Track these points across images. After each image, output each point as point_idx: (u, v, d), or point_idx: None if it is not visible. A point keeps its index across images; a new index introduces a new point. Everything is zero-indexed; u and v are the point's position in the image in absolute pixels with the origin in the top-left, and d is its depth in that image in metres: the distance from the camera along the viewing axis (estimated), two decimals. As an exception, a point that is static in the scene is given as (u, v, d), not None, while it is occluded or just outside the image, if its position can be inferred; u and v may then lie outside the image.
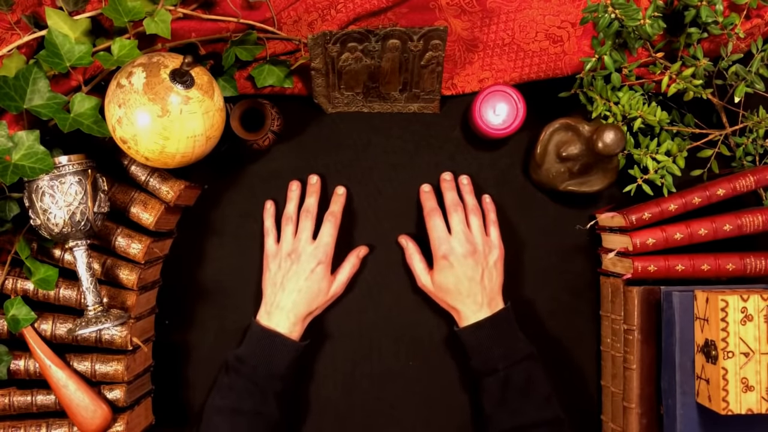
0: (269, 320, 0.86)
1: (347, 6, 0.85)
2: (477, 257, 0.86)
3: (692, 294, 0.85)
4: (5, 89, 0.74)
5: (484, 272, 0.86)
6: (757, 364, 0.79)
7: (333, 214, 0.89)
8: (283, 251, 0.88)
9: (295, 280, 0.86)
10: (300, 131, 0.96)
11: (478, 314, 0.86)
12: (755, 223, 0.86)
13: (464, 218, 0.88)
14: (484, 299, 0.86)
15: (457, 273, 0.86)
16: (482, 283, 0.86)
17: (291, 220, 0.89)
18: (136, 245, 0.85)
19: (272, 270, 0.88)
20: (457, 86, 0.94)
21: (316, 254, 0.87)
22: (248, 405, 0.83)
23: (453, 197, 0.89)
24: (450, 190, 0.91)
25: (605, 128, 0.83)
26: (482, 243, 0.87)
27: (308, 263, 0.86)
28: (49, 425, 0.84)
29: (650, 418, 0.88)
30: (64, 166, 0.77)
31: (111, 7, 0.76)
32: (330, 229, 0.88)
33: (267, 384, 0.84)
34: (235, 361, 0.85)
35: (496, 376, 0.83)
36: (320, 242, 0.87)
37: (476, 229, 0.88)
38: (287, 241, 0.88)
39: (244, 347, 0.86)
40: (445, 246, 0.86)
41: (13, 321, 0.82)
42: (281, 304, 0.86)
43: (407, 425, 0.95)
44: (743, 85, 0.85)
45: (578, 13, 0.87)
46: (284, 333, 0.85)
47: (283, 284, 0.86)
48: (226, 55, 0.84)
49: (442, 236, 0.87)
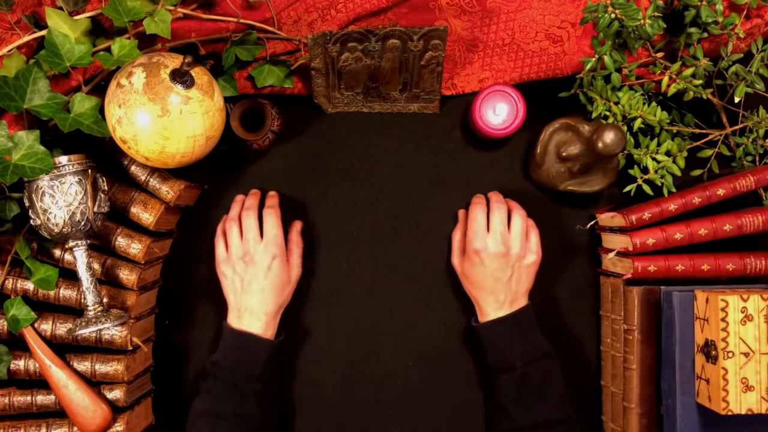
0: (240, 323, 0.85)
1: (347, 6, 0.85)
2: (509, 259, 0.86)
3: (692, 294, 0.85)
4: (5, 89, 0.74)
5: (513, 275, 0.86)
6: (757, 364, 0.79)
7: (272, 207, 0.88)
8: (234, 255, 0.86)
9: (255, 281, 0.85)
10: (300, 131, 0.96)
11: (498, 312, 0.86)
12: (755, 223, 0.86)
13: (506, 218, 0.87)
14: (506, 299, 0.86)
15: (485, 270, 0.86)
16: (509, 284, 0.86)
17: (234, 222, 0.88)
18: (136, 245, 0.85)
19: (228, 276, 0.87)
20: (457, 86, 0.94)
21: (268, 249, 0.85)
22: (228, 407, 0.82)
23: (499, 198, 0.90)
24: (496, 194, 0.91)
25: (605, 128, 0.83)
26: (519, 246, 0.86)
27: (263, 261, 0.85)
28: (49, 425, 0.84)
29: (650, 418, 0.88)
30: (64, 166, 0.77)
31: (111, 7, 0.76)
32: (273, 221, 0.87)
33: (245, 385, 0.83)
34: (211, 366, 0.84)
35: (514, 373, 0.83)
36: (268, 237, 0.86)
37: (517, 231, 0.87)
38: (235, 243, 0.87)
39: (219, 352, 0.85)
40: (480, 242, 0.86)
41: (13, 321, 0.82)
42: (249, 307, 0.85)
43: (407, 425, 0.95)
44: (743, 85, 0.85)
45: (578, 13, 0.87)
46: (257, 333, 0.85)
47: (244, 288, 0.85)
48: (226, 55, 0.84)
49: (480, 231, 0.87)
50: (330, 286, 0.95)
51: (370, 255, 0.95)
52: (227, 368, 0.83)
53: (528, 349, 0.84)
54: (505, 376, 0.84)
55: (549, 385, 0.84)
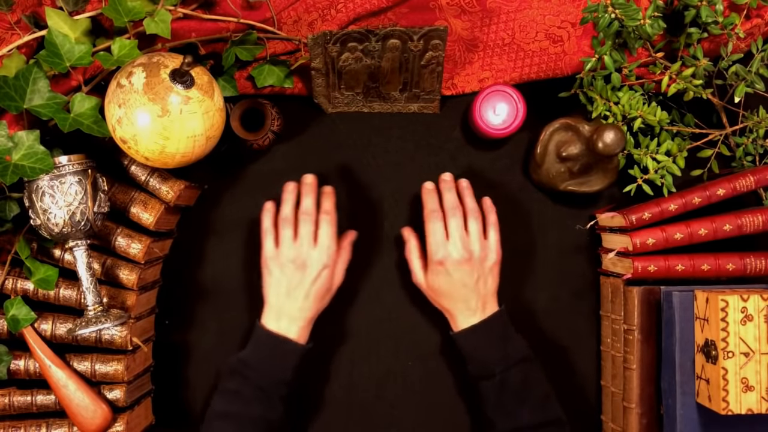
0: (278, 326, 0.84)
1: (347, 6, 0.85)
2: (473, 264, 0.85)
3: (692, 294, 0.85)
4: (5, 89, 0.74)
5: (480, 278, 0.85)
6: (757, 364, 0.79)
7: (328, 213, 0.86)
8: (285, 257, 0.84)
9: (302, 287, 0.84)
10: (300, 131, 0.96)
11: (471, 319, 0.85)
12: (755, 223, 0.86)
13: (463, 223, 0.86)
14: (477, 304, 0.85)
15: (451, 279, 0.85)
16: (477, 289, 0.85)
17: (289, 223, 0.86)
18: (136, 245, 0.85)
19: (275, 275, 0.85)
20: (457, 86, 0.94)
21: (321, 259, 0.84)
22: (256, 411, 0.81)
23: (452, 199, 0.87)
24: (449, 191, 0.88)
25: (605, 128, 0.83)
26: (479, 248, 0.85)
27: (314, 269, 0.84)
28: (49, 425, 0.84)
29: (650, 418, 0.88)
30: (64, 166, 0.77)
31: (111, 7, 0.76)
32: (329, 230, 0.85)
33: (274, 389, 0.82)
34: (241, 366, 0.83)
35: (493, 380, 0.83)
36: (322, 245, 0.84)
37: (475, 234, 0.86)
38: (288, 245, 0.85)
39: (251, 352, 0.84)
40: (442, 251, 0.85)
41: (13, 321, 0.82)
42: (289, 312, 0.84)
43: (407, 425, 0.95)
44: (743, 85, 0.85)
45: (578, 13, 0.87)
46: (293, 338, 0.84)
47: (289, 292, 0.84)
48: (226, 55, 0.84)
49: (440, 240, 0.85)
50: (330, 286, 0.95)
51: (370, 255, 0.95)
52: (259, 370, 0.82)
53: (505, 354, 0.84)
54: (485, 383, 0.84)
55: (529, 389, 0.83)
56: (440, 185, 0.89)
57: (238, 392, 0.82)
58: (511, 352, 0.84)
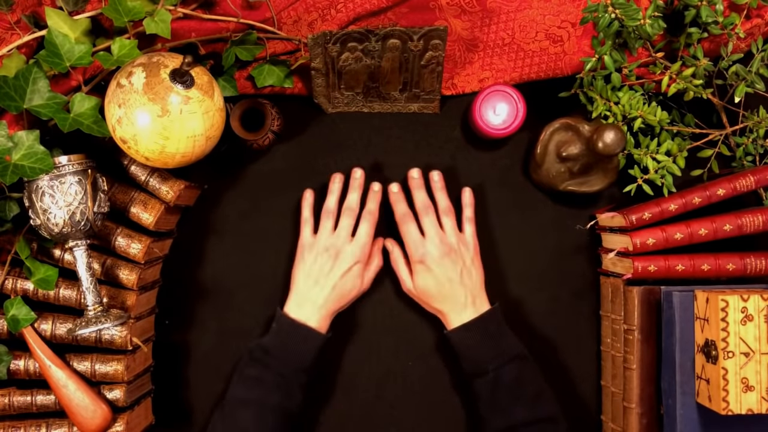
0: (299, 313, 0.85)
1: (347, 6, 0.85)
2: (453, 257, 0.86)
3: (692, 294, 0.85)
4: (5, 89, 0.74)
5: (463, 271, 0.86)
6: (757, 364, 0.79)
7: (371, 213, 0.89)
8: (321, 245, 0.87)
9: (332, 276, 0.85)
10: (300, 131, 0.96)
11: (463, 315, 0.85)
12: (755, 223, 0.86)
13: (436, 220, 0.87)
14: (467, 298, 0.86)
15: (436, 275, 0.86)
16: (463, 283, 0.86)
17: (332, 215, 0.88)
18: (136, 245, 0.85)
19: (308, 262, 0.87)
20: (457, 86, 0.94)
21: (355, 253, 0.86)
22: (276, 398, 0.82)
23: (423, 198, 0.89)
24: (419, 188, 0.89)
25: (605, 128, 0.83)
26: (457, 242, 0.87)
27: (346, 262, 0.86)
28: (49, 425, 0.84)
29: (650, 418, 0.88)
30: (64, 166, 0.77)
31: (111, 7, 0.76)
32: (368, 228, 0.88)
33: (294, 377, 0.83)
34: (261, 352, 0.84)
35: (486, 377, 0.83)
36: (359, 241, 0.87)
37: (449, 229, 0.87)
38: (326, 235, 0.87)
39: (272, 338, 0.85)
40: (421, 250, 0.86)
41: (13, 321, 0.82)
42: (314, 299, 0.85)
43: (407, 425, 0.95)
44: (743, 85, 0.85)
45: (578, 13, 0.87)
46: (314, 327, 0.85)
47: (318, 279, 0.86)
48: (226, 55, 0.84)
49: (417, 240, 0.87)
50: (330, 286, 0.95)
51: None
52: (280, 357, 0.83)
53: (498, 352, 0.84)
54: (478, 380, 0.84)
55: (523, 386, 0.83)
56: (409, 183, 0.91)
57: (259, 379, 0.83)
58: (504, 349, 0.84)
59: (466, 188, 0.92)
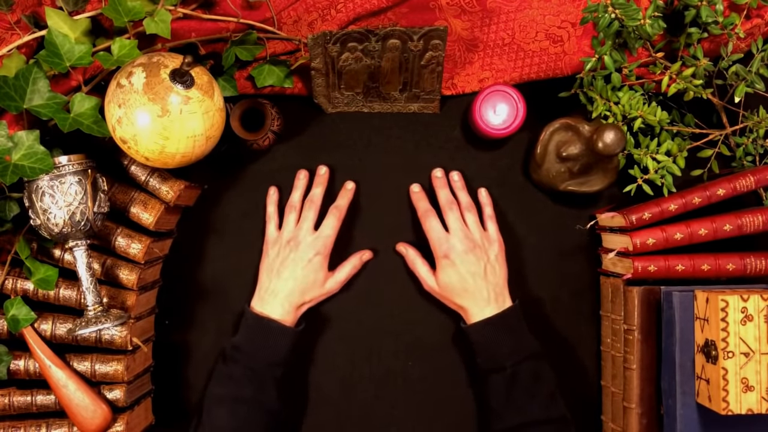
0: (262, 306, 0.86)
1: (347, 6, 0.85)
2: (478, 252, 0.86)
3: (692, 294, 0.85)
4: (5, 89, 0.74)
5: (487, 267, 0.86)
6: (757, 364, 0.79)
7: (338, 208, 0.89)
8: (284, 238, 0.87)
9: (291, 267, 0.86)
10: (300, 131, 0.96)
11: (485, 311, 0.86)
12: (755, 223, 0.86)
13: (460, 216, 0.88)
14: (490, 294, 0.86)
15: (460, 270, 0.86)
16: (486, 278, 0.86)
17: (295, 209, 0.89)
18: (136, 245, 0.85)
19: (270, 256, 0.88)
20: (457, 86, 0.94)
21: (315, 245, 0.86)
22: (248, 392, 0.83)
23: (447, 195, 0.90)
24: (442, 187, 0.91)
25: (605, 128, 0.83)
26: (481, 238, 0.87)
27: (306, 252, 0.86)
28: (49, 425, 0.84)
29: (650, 418, 0.88)
30: (64, 166, 0.77)
31: (111, 7, 0.76)
32: (332, 222, 0.88)
33: (265, 371, 0.84)
34: (231, 350, 0.85)
35: (503, 373, 0.83)
36: (321, 233, 0.87)
37: (473, 225, 0.88)
38: (288, 228, 0.88)
39: (240, 335, 0.85)
40: (445, 245, 0.86)
41: (13, 321, 0.82)
42: (276, 291, 0.86)
43: (407, 425, 0.95)
44: (743, 85, 0.85)
45: (578, 13, 0.87)
46: (278, 319, 0.85)
47: (279, 271, 0.86)
48: (226, 55, 0.84)
49: (441, 236, 0.87)
50: (330, 286, 0.95)
51: (370, 255, 0.95)
52: (247, 352, 0.84)
53: (517, 348, 0.84)
54: (495, 376, 0.84)
55: (539, 385, 0.84)
56: (433, 182, 0.92)
57: (230, 375, 0.83)
58: (523, 347, 0.85)
59: (481, 189, 0.93)
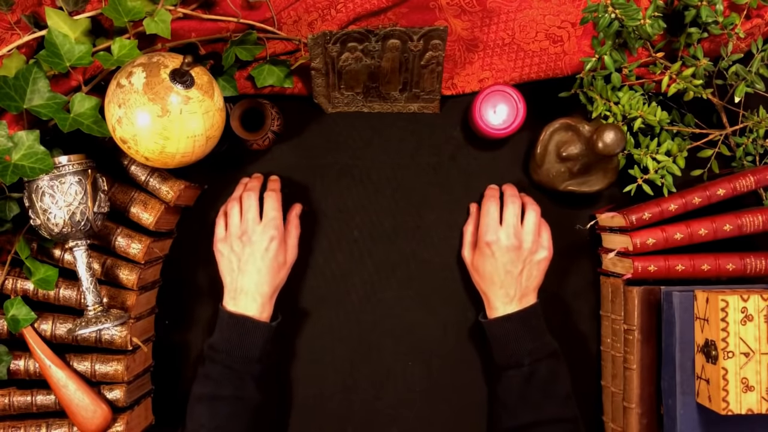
0: (236, 305, 0.85)
1: (347, 6, 0.85)
2: (520, 253, 0.86)
3: (692, 294, 0.85)
4: (5, 89, 0.74)
5: (524, 269, 0.86)
6: (757, 364, 0.79)
7: (272, 190, 0.88)
8: (233, 234, 0.86)
9: (252, 261, 0.84)
10: (300, 131, 0.96)
11: (508, 307, 0.86)
12: (755, 223, 0.86)
13: (519, 212, 0.88)
14: (516, 293, 0.86)
15: (496, 263, 0.86)
16: (519, 279, 0.86)
17: (236, 201, 0.88)
18: (136, 245, 0.85)
19: (225, 254, 0.86)
20: (457, 86, 0.93)
21: (267, 231, 0.85)
22: (227, 390, 0.82)
23: (513, 192, 0.90)
24: (511, 187, 0.92)
25: (605, 128, 0.83)
26: (531, 241, 0.86)
27: (261, 242, 0.84)
28: (49, 425, 0.84)
29: (650, 418, 0.88)
30: (64, 166, 0.77)
31: (111, 7, 0.76)
32: (273, 203, 0.86)
33: (243, 368, 0.83)
34: (209, 349, 0.84)
35: (521, 370, 0.83)
36: (267, 218, 0.85)
37: (530, 225, 0.87)
38: (234, 223, 0.86)
39: (216, 335, 0.85)
40: (492, 234, 0.86)
41: (13, 321, 0.82)
42: (245, 288, 0.85)
43: (407, 425, 0.95)
44: (743, 85, 0.85)
45: (578, 13, 0.87)
46: (254, 316, 0.84)
47: (240, 268, 0.85)
48: (226, 55, 0.84)
49: (492, 224, 0.87)
50: (330, 286, 0.95)
51: (370, 255, 0.95)
52: (224, 351, 0.83)
53: (537, 346, 0.84)
54: (512, 372, 0.84)
55: (556, 384, 0.84)
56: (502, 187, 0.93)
57: (209, 375, 0.83)
58: (542, 345, 0.85)
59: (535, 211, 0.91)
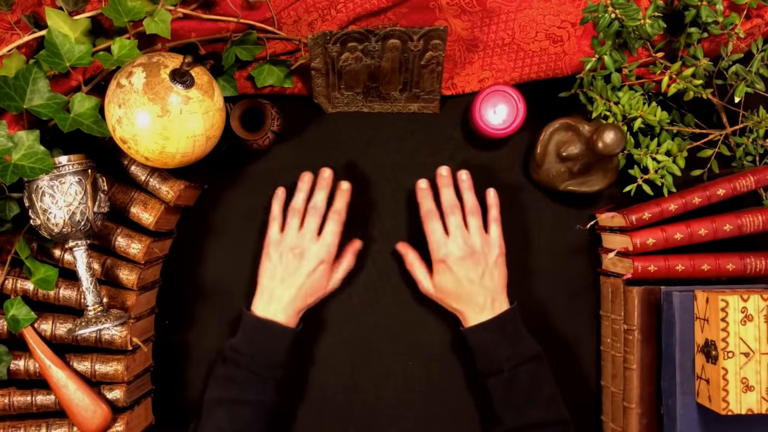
0: (266, 311, 0.85)
1: (347, 6, 0.85)
2: (476, 258, 0.85)
3: (692, 294, 0.85)
4: (5, 89, 0.74)
5: (485, 273, 0.86)
6: (757, 364, 0.79)
7: (337, 213, 0.88)
8: (286, 244, 0.86)
9: (296, 276, 0.85)
10: (300, 131, 0.96)
11: (481, 315, 0.85)
12: (755, 223, 0.86)
13: (462, 220, 0.86)
14: (486, 300, 0.85)
15: (456, 276, 0.85)
16: (482, 284, 0.85)
17: (298, 213, 0.87)
18: (136, 245, 0.85)
19: (273, 260, 0.86)
20: (457, 86, 0.94)
21: (320, 253, 0.86)
22: (250, 395, 0.83)
23: (450, 197, 0.87)
24: (446, 187, 0.88)
25: (605, 128, 0.83)
26: (481, 243, 0.86)
27: (311, 262, 0.85)
28: (49, 425, 0.84)
29: (650, 418, 0.88)
30: (64, 166, 0.77)
31: (111, 7, 0.76)
32: (334, 228, 0.87)
33: (267, 373, 0.83)
34: (232, 352, 0.84)
35: (501, 376, 0.83)
36: (324, 241, 0.86)
37: (474, 229, 0.86)
38: (292, 234, 0.86)
39: (240, 337, 0.85)
40: (443, 250, 0.86)
41: (13, 321, 0.82)
42: (280, 297, 0.85)
43: (407, 425, 0.95)
44: (743, 85, 0.85)
45: (578, 13, 0.87)
46: (281, 323, 0.85)
47: (283, 279, 0.86)
48: (226, 55, 0.84)
49: (440, 240, 0.86)
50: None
51: (370, 255, 0.95)
52: (250, 355, 0.83)
53: (514, 352, 0.84)
54: (493, 379, 0.84)
55: (538, 387, 0.84)
56: (437, 181, 0.89)
57: (232, 378, 0.83)
58: (520, 350, 0.84)
59: (489, 189, 0.90)
